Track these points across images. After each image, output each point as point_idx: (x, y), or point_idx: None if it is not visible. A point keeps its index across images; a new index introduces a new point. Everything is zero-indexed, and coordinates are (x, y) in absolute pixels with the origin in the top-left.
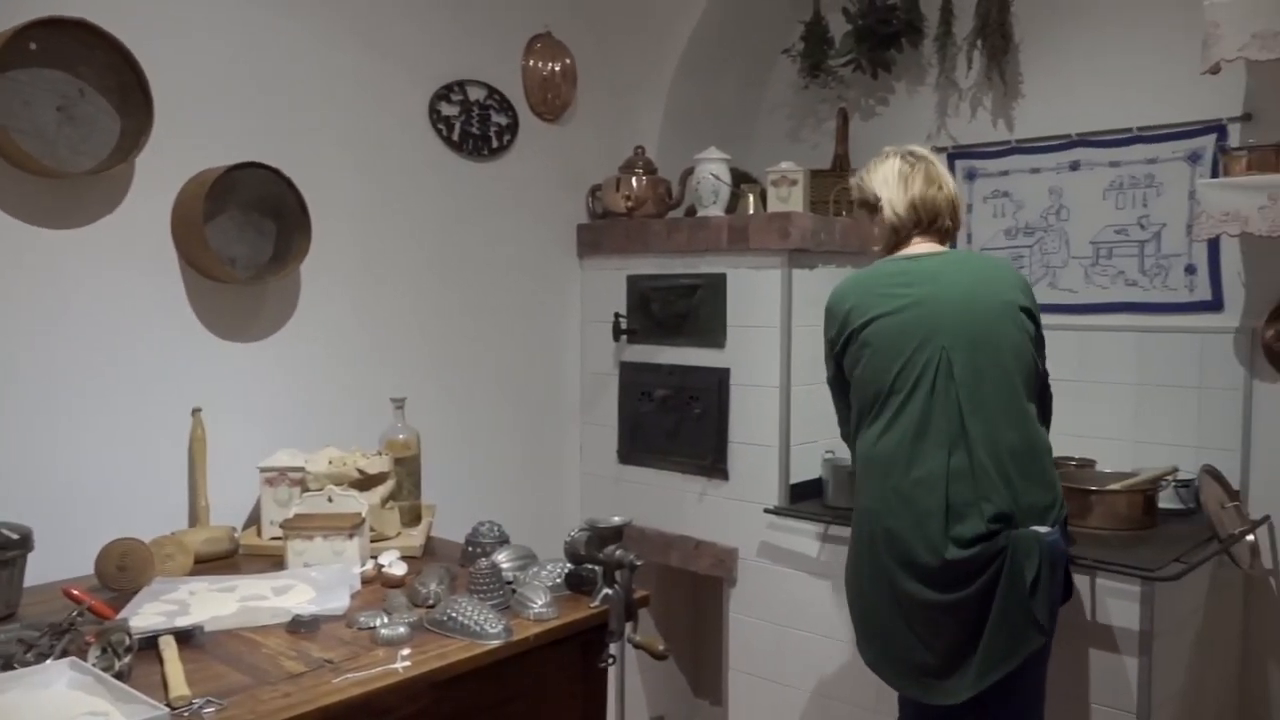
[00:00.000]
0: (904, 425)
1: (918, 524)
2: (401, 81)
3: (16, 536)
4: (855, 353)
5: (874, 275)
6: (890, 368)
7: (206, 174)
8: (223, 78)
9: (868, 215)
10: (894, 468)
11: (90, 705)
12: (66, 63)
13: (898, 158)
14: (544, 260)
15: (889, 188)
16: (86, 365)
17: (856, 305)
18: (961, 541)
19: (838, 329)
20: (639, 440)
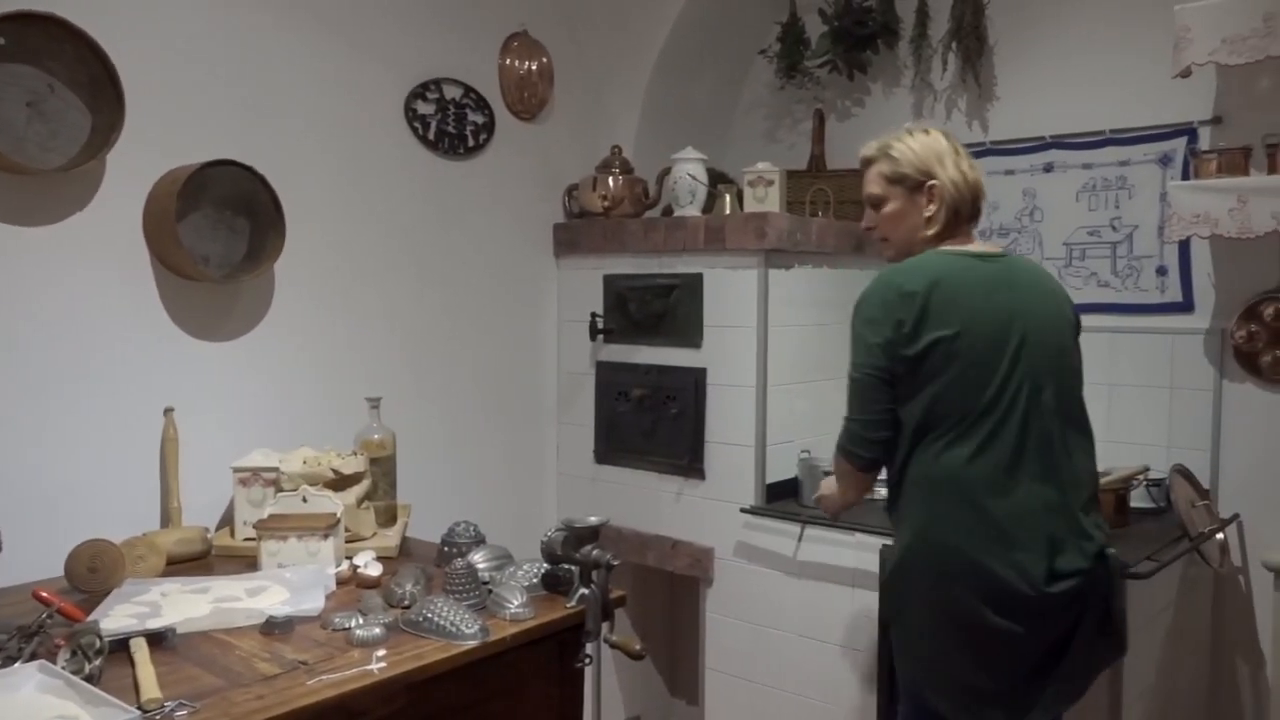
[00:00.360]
0: (999, 452)
1: (1013, 557)
2: (377, 79)
3: None
4: (939, 361)
5: (950, 270)
6: (985, 387)
7: (179, 171)
8: (196, 74)
9: (904, 195)
10: (985, 496)
11: (60, 709)
12: (36, 58)
13: (940, 134)
14: (521, 260)
15: (945, 166)
16: (57, 365)
17: (942, 304)
18: (1063, 575)
19: (913, 324)
20: (616, 440)
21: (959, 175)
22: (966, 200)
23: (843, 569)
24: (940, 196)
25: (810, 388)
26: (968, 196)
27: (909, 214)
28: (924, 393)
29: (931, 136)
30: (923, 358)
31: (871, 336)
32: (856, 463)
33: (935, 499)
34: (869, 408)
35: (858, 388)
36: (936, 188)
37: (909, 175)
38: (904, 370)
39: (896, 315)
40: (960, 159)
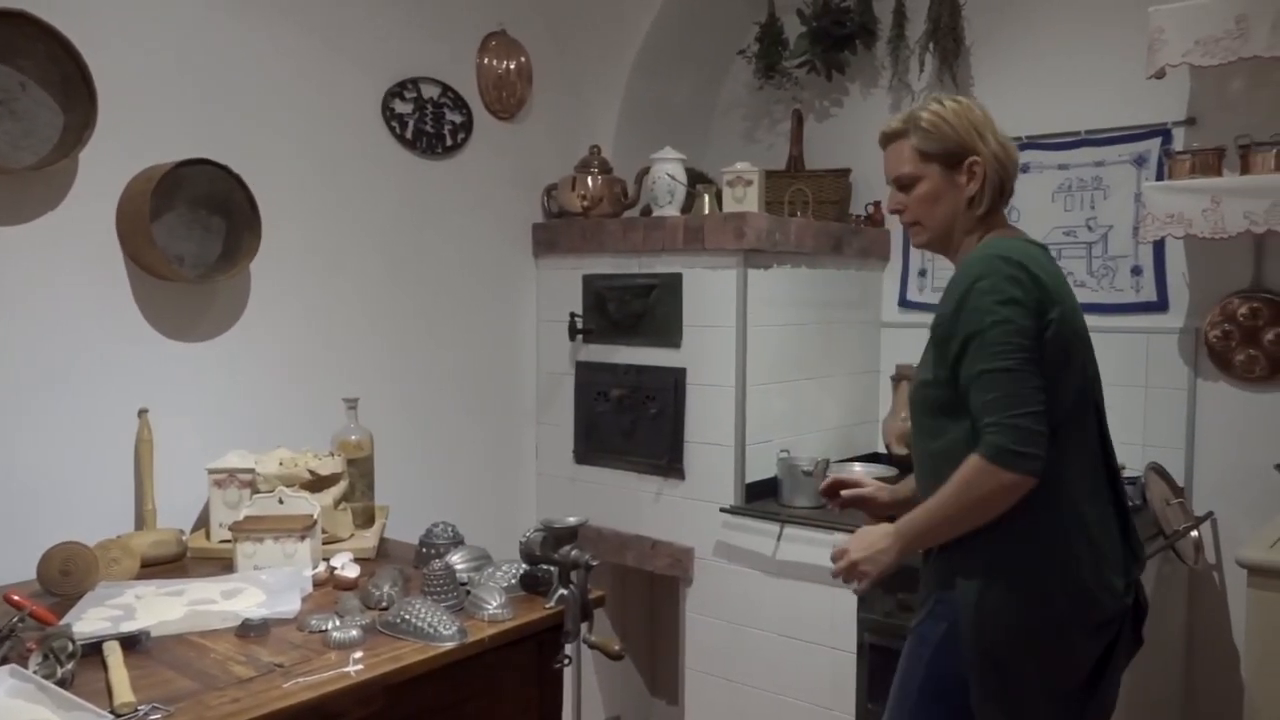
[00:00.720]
0: (1089, 451)
1: (1106, 577)
2: (354, 78)
3: None
4: (1061, 345)
5: (1031, 255)
6: (1083, 378)
7: (153, 170)
8: (170, 72)
9: (941, 173)
10: (1081, 503)
11: (31, 713)
12: (7, 56)
13: (971, 103)
14: (499, 259)
15: (985, 139)
16: (28, 365)
17: (1052, 284)
18: (1131, 582)
19: (1038, 300)
20: (595, 440)
21: (1000, 149)
22: (1010, 177)
23: (822, 568)
24: (983, 173)
25: (789, 387)
26: (1011, 172)
27: (946, 194)
28: (1054, 385)
29: (964, 105)
30: (1049, 344)
31: (1019, 318)
32: (1033, 467)
33: (1045, 512)
34: (1034, 398)
35: (1015, 378)
36: (979, 163)
37: (947, 150)
38: (1039, 358)
39: (1033, 292)
40: (996, 130)
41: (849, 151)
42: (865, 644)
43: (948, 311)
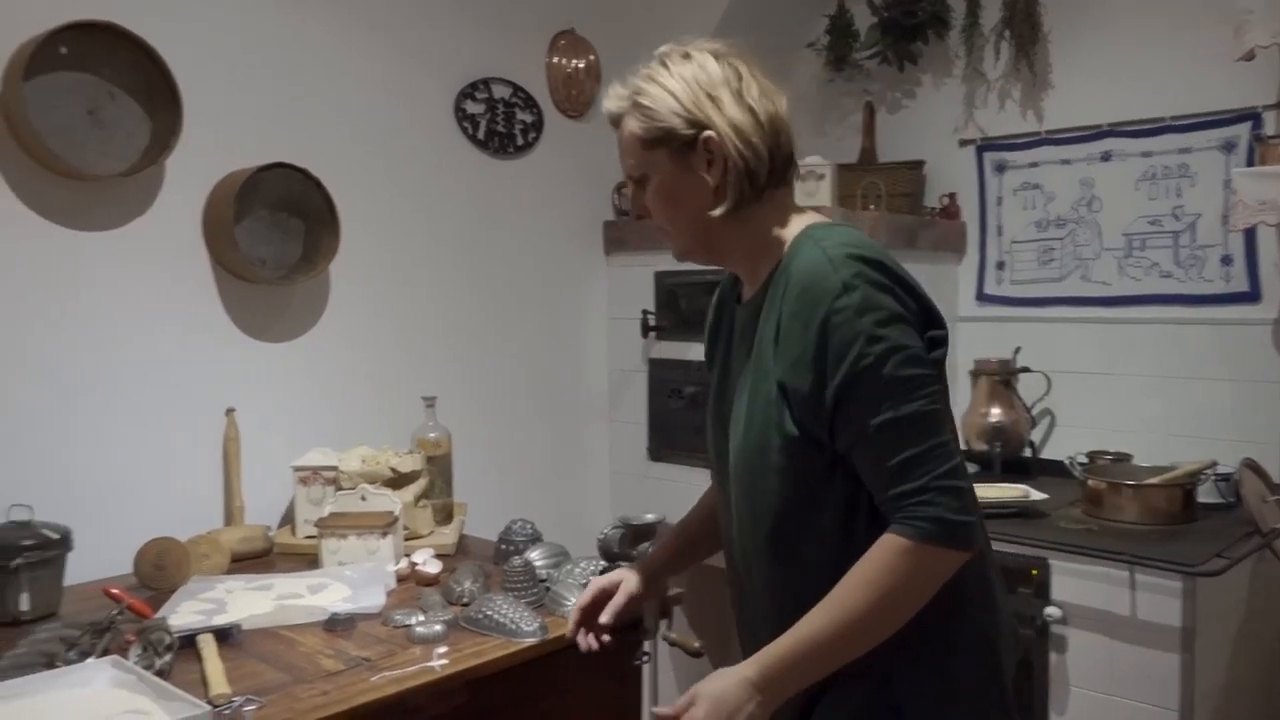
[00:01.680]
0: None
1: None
2: (427, 80)
3: (56, 536)
4: (939, 367)
5: (884, 251)
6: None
7: (235, 175)
8: (249, 78)
9: (672, 159)
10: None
11: (133, 703)
12: (96, 66)
13: (709, 55)
14: (570, 257)
15: (721, 104)
16: (122, 367)
17: (923, 292)
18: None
19: (920, 312)
20: (668, 437)
21: (743, 115)
22: (779, 145)
23: None
24: (722, 154)
25: None
26: (774, 141)
27: (687, 188)
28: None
29: (697, 62)
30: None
31: (911, 340)
32: (975, 537)
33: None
34: (955, 446)
35: (931, 424)
36: (714, 140)
37: (672, 131)
38: (944, 390)
39: (912, 306)
40: (747, 86)
41: (921, 143)
42: None
43: (798, 351)
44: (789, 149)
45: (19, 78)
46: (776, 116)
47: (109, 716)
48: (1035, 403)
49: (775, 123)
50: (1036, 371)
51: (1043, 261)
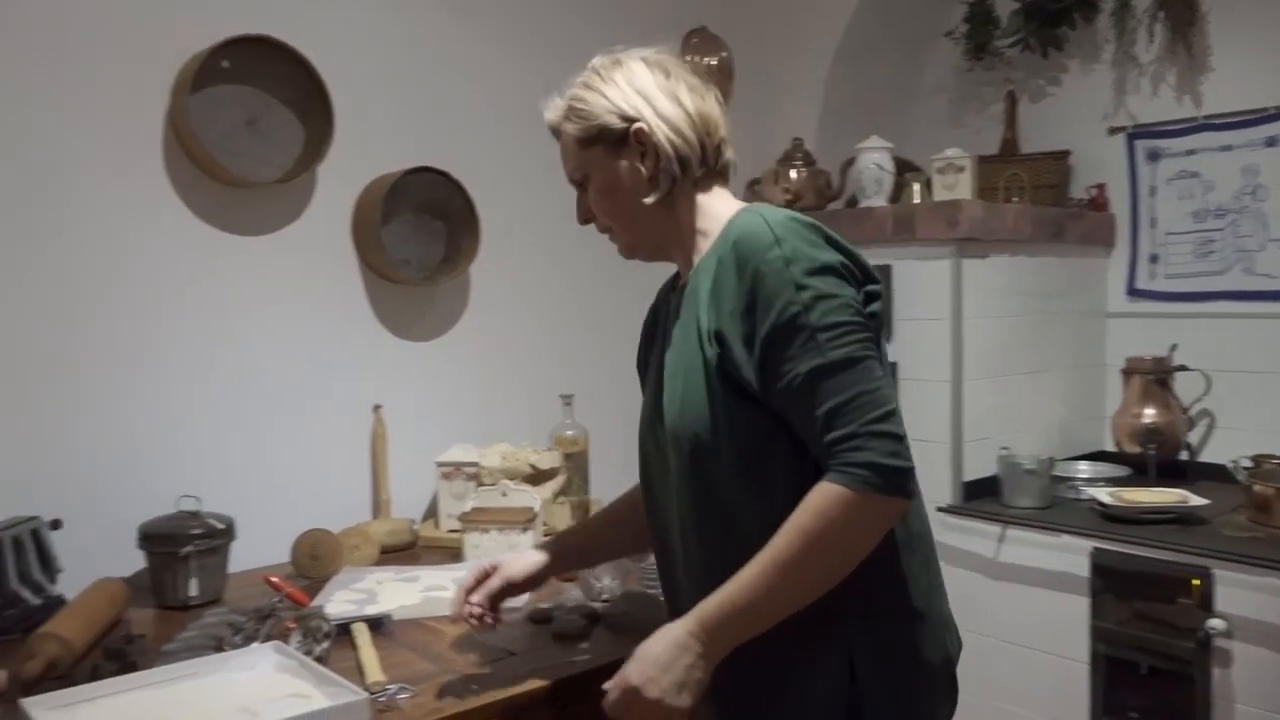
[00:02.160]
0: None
1: (956, 641)
2: (564, 78)
3: (222, 526)
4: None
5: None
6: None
7: (382, 179)
8: (395, 85)
9: (608, 156)
10: (933, 547)
11: (295, 687)
12: (254, 78)
13: (638, 60)
14: None
15: (653, 101)
16: (278, 365)
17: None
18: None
19: (852, 267)
20: None
21: (671, 107)
22: (694, 145)
23: (1048, 572)
24: (653, 143)
25: (1006, 382)
26: (695, 138)
27: (623, 178)
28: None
29: (625, 66)
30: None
31: (842, 289)
32: (913, 485)
33: (920, 566)
34: (890, 393)
35: (863, 371)
36: (644, 131)
37: (604, 126)
38: (877, 340)
39: (844, 261)
40: (675, 83)
41: (1067, 132)
42: (1099, 655)
43: (732, 303)
44: (719, 141)
45: (186, 92)
46: (705, 111)
47: (273, 699)
48: (1193, 403)
49: (704, 116)
50: (1194, 370)
51: (1200, 254)
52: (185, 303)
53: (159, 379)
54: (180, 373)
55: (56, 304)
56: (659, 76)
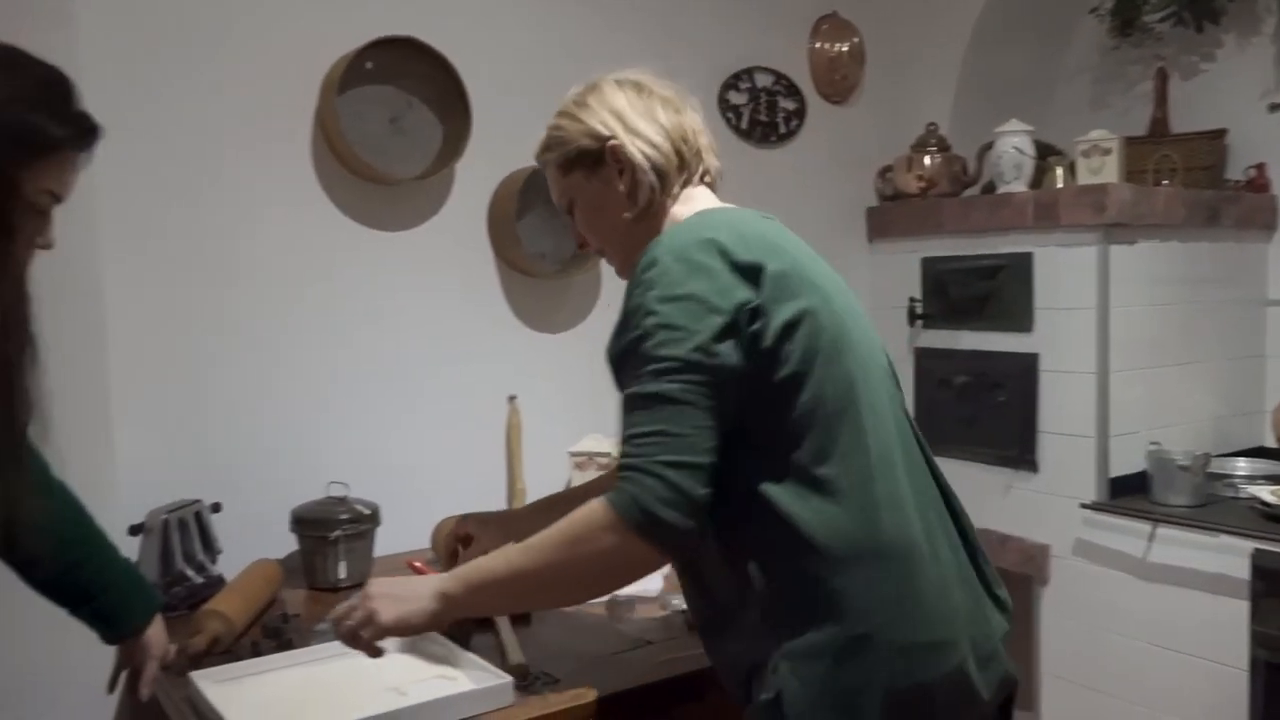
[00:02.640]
0: (901, 480)
1: (974, 645)
2: (692, 73)
3: (368, 511)
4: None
5: (748, 228)
6: (840, 393)
7: (517, 174)
8: (529, 80)
9: (588, 177)
10: (911, 561)
11: (440, 670)
12: (396, 77)
13: (609, 83)
14: (831, 245)
15: (625, 119)
16: (418, 357)
17: (787, 267)
18: (999, 663)
19: (744, 292)
20: (935, 429)
21: (643, 122)
22: (669, 155)
23: (1203, 574)
24: (627, 157)
25: (1155, 374)
26: (670, 148)
27: (605, 198)
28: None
29: (598, 89)
30: (772, 354)
31: (692, 321)
32: (672, 540)
33: (847, 583)
34: (698, 443)
35: (674, 411)
36: (618, 147)
37: (582, 149)
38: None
39: (731, 286)
40: (647, 98)
41: (1223, 110)
42: (1259, 661)
43: (617, 322)
44: (698, 148)
45: (333, 93)
46: (679, 122)
47: (419, 680)
48: None
49: (680, 126)
50: None
51: None
52: (332, 297)
53: (308, 371)
54: (327, 365)
55: (215, 301)
56: (630, 94)
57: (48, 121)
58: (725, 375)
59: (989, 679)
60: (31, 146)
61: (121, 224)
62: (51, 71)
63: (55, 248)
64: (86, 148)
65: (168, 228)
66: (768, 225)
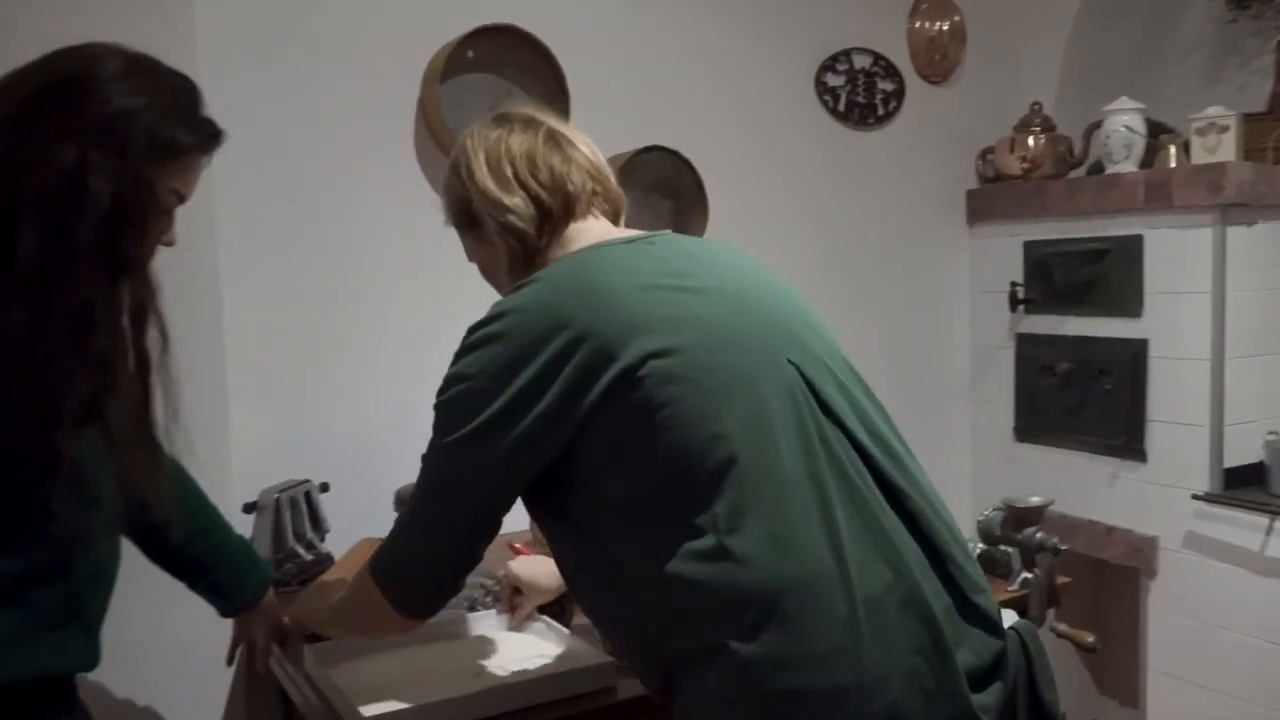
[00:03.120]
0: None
1: (916, 677)
2: (788, 55)
3: None
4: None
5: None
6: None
7: (614, 160)
8: (626, 66)
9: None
10: (822, 592)
11: (542, 648)
12: (497, 66)
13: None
14: (929, 229)
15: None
16: None
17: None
18: (978, 676)
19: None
20: (1037, 417)
21: (488, 176)
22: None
23: None
24: (478, 216)
25: (1275, 361)
26: (520, 194)
27: (489, 256)
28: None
29: (456, 147)
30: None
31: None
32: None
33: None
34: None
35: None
36: (475, 209)
37: (454, 213)
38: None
39: (539, 345)
40: (496, 144)
41: None
42: None
43: None
44: (561, 182)
45: (436, 82)
46: (531, 157)
47: (524, 658)
48: None
49: (529, 164)
50: None
51: None
52: (435, 282)
53: (411, 355)
54: (430, 349)
55: (323, 288)
56: (476, 143)
57: (178, 128)
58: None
59: (949, 711)
60: (164, 152)
61: (235, 215)
62: (182, 79)
63: (176, 242)
64: (211, 151)
65: (278, 218)
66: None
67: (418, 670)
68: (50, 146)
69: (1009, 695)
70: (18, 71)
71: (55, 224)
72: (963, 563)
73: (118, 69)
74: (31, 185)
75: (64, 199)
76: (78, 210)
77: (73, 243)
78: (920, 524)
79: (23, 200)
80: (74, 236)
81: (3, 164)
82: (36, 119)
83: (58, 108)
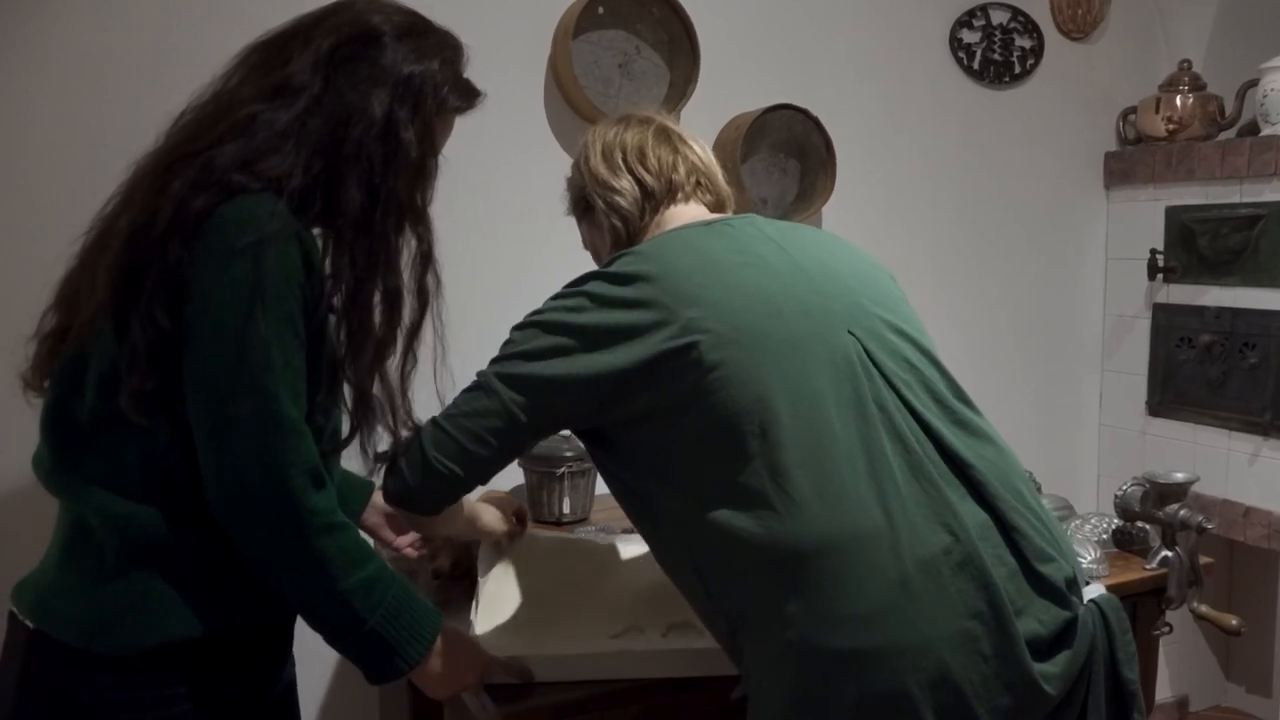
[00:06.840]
0: (845, 473)
1: (970, 640)
2: (922, 11)
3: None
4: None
5: (647, 256)
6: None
7: (742, 118)
8: (755, 23)
9: (589, 228)
10: (871, 550)
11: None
12: (626, 22)
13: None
14: (1063, 192)
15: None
16: None
17: (683, 287)
18: (1043, 644)
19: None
20: (1173, 391)
21: (601, 164)
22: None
23: None
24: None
25: None
26: (628, 177)
27: (598, 242)
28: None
29: (595, 130)
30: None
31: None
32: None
33: (785, 595)
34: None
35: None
36: (589, 193)
37: (573, 200)
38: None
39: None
40: (611, 136)
41: None
42: None
43: None
44: (667, 171)
45: (568, 38)
46: (641, 148)
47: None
48: None
49: (638, 153)
50: None
51: None
52: (563, 246)
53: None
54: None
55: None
56: (593, 137)
57: (455, 88)
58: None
59: (1008, 677)
60: (440, 109)
61: None
62: (451, 37)
63: None
64: (470, 109)
65: None
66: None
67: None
68: (366, 98)
69: (1083, 668)
70: (303, 20)
71: (376, 172)
72: (1028, 531)
73: (399, 26)
74: (353, 134)
75: (383, 148)
76: (394, 160)
77: (389, 190)
78: (985, 493)
79: (345, 148)
80: (391, 184)
81: (320, 107)
82: (348, 68)
83: (365, 60)
